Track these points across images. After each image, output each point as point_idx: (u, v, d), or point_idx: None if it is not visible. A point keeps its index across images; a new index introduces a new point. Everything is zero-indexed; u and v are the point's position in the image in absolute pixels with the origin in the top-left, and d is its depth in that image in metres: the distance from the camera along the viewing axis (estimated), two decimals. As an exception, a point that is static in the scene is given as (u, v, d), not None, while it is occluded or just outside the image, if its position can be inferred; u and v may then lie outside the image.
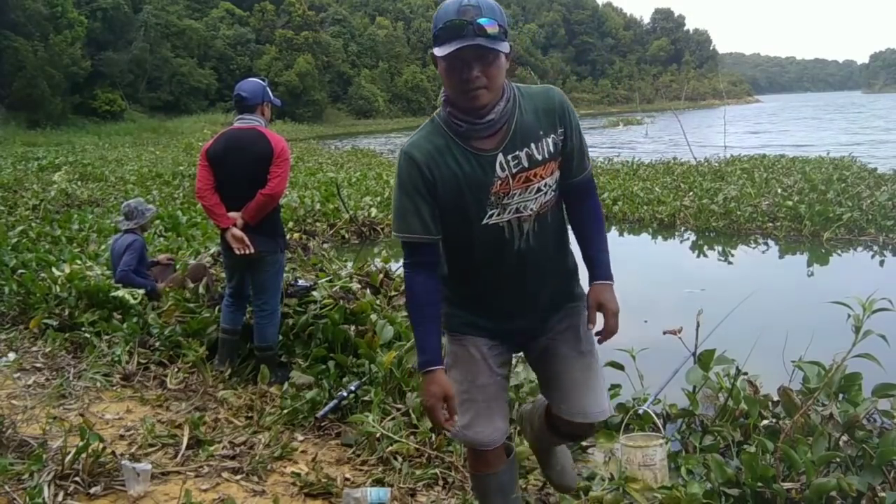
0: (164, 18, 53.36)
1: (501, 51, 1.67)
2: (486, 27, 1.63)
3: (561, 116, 1.84)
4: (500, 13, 1.69)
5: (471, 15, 1.64)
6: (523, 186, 1.81)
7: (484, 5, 1.66)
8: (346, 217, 9.65)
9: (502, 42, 1.68)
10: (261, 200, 3.84)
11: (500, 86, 1.74)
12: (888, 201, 9.35)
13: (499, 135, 1.79)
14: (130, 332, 4.39)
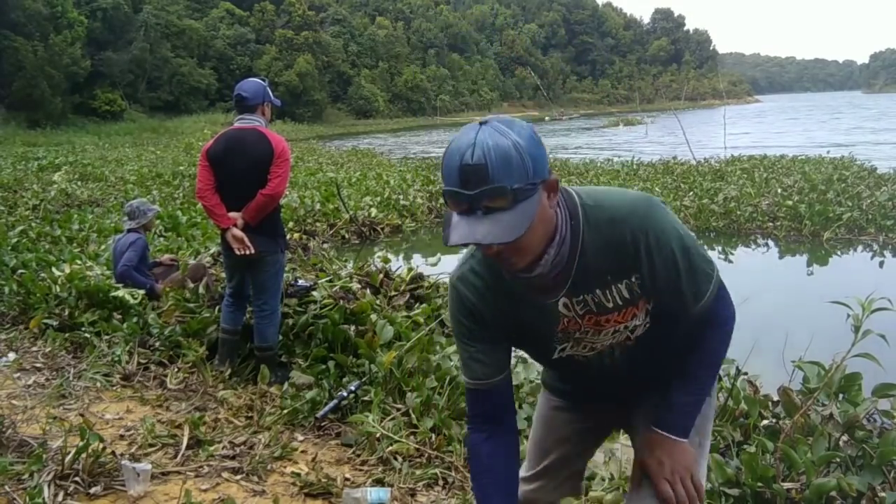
0: (164, 18, 53.36)
1: (505, 240, 1.25)
2: (495, 201, 1.23)
3: (635, 258, 1.39)
4: (518, 162, 1.23)
5: (474, 183, 1.22)
6: (595, 328, 1.51)
7: (494, 160, 1.22)
8: (346, 217, 9.65)
9: (526, 202, 1.25)
10: (261, 201, 3.84)
11: (536, 247, 1.34)
12: (888, 201, 9.36)
13: (556, 283, 1.44)
14: (130, 332, 4.39)
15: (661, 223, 1.39)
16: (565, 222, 1.38)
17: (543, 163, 1.27)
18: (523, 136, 1.25)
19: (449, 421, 3.13)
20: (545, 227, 1.33)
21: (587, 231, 1.39)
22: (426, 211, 10.98)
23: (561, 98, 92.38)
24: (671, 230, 1.40)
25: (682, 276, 1.42)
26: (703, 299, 1.46)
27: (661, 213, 1.40)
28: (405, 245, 9.40)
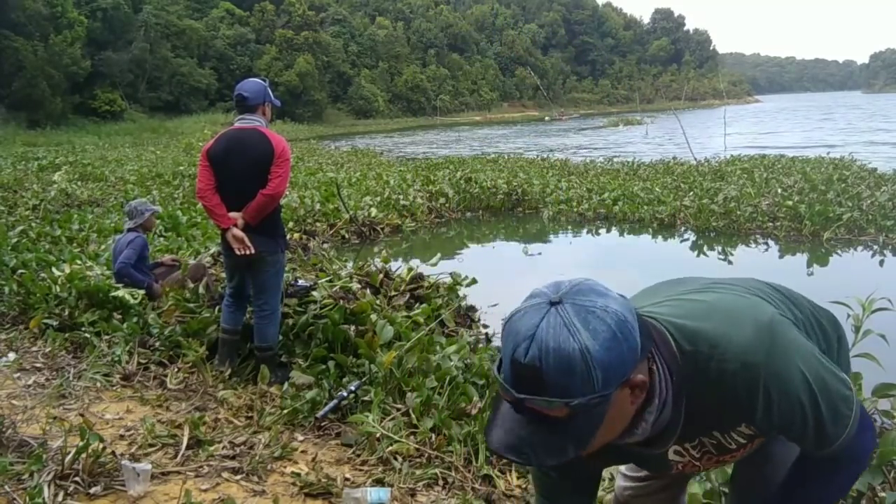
0: (164, 18, 53.38)
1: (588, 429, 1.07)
2: (547, 412, 1.04)
3: (751, 409, 1.18)
4: (584, 374, 1.02)
5: (525, 387, 1.03)
6: (717, 464, 1.40)
7: (551, 367, 1.01)
8: (346, 217, 9.65)
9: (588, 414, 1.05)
10: (261, 201, 3.85)
11: (612, 437, 1.16)
12: (888, 201, 9.36)
13: (661, 437, 1.26)
14: (130, 332, 4.39)
15: (786, 371, 1.15)
16: (665, 381, 1.17)
17: (623, 367, 1.05)
18: (600, 336, 1.02)
19: (449, 421, 3.13)
20: (622, 422, 1.14)
21: (691, 385, 1.18)
22: (426, 211, 10.98)
23: (561, 98, 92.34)
24: (797, 377, 1.16)
25: (810, 425, 1.20)
26: (838, 441, 1.24)
27: (784, 356, 1.16)
28: (405, 245, 9.40)
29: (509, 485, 2.81)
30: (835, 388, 1.21)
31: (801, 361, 1.17)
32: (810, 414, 1.18)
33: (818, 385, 1.18)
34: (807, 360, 1.18)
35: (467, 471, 2.85)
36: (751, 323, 1.17)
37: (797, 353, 1.18)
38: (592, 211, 10.60)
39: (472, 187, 12.03)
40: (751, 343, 1.14)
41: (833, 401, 1.20)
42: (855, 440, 1.25)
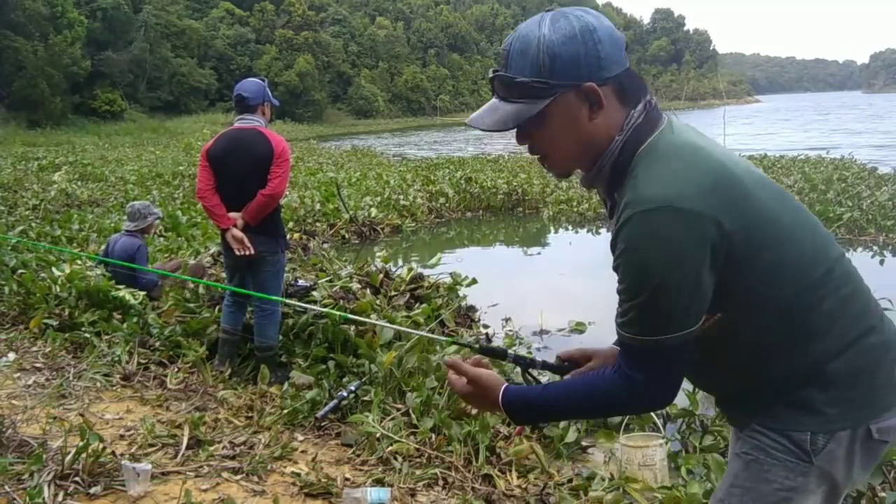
0: (164, 18, 53.37)
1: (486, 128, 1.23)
2: (505, 90, 1.22)
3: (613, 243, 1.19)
4: (534, 56, 1.17)
5: (498, 65, 1.24)
6: None
7: (515, 49, 1.20)
8: (346, 217, 9.65)
9: (531, 100, 1.19)
10: (261, 201, 3.85)
11: (568, 153, 1.25)
12: (888, 201, 9.36)
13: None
14: (130, 332, 4.39)
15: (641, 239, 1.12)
16: (611, 154, 1.22)
17: (575, 67, 1.15)
18: (560, 31, 1.16)
19: (449, 421, 3.13)
20: (574, 138, 1.21)
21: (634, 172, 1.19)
22: (426, 211, 10.98)
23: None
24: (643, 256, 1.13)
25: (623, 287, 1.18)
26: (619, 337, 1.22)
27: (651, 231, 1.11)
28: (405, 245, 9.40)
29: (509, 485, 2.81)
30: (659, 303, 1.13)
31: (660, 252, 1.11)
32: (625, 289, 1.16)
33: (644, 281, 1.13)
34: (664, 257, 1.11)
35: (467, 471, 2.85)
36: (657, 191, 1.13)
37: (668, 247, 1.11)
38: (593, 211, 10.60)
39: (472, 187, 12.03)
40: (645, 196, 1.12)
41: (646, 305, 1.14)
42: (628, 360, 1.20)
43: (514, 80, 1.19)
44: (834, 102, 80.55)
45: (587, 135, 1.21)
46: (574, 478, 2.88)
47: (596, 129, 1.21)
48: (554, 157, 1.26)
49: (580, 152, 1.24)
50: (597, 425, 3.45)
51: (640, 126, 1.21)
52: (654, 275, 1.11)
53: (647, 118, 1.22)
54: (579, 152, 1.24)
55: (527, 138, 1.25)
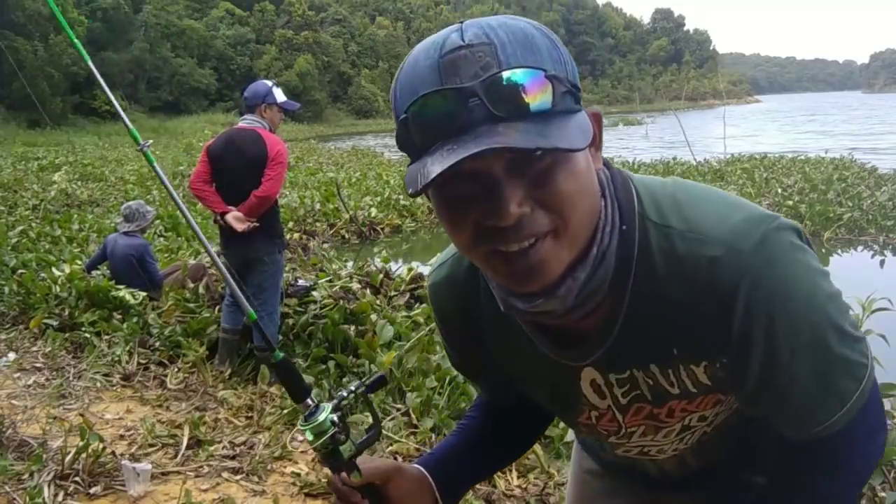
0: (164, 18, 53.40)
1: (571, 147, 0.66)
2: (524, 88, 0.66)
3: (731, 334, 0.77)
4: (549, 46, 0.71)
5: (474, 69, 0.67)
6: (647, 425, 0.93)
7: (504, 37, 0.68)
8: (346, 217, 9.65)
9: (569, 116, 0.69)
10: (253, 202, 3.89)
11: (585, 216, 0.73)
12: (888, 201, 9.36)
13: (585, 332, 0.85)
14: (130, 332, 4.39)
15: (796, 280, 0.75)
16: (611, 225, 0.78)
17: (575, 73, 0.74)
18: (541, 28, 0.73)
19: (449, 421, 3.13)
20: (592, 200, 0.74)
21: (649, 260, 0.78)
22: (426, 211, 10.98)
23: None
24: (812, 298, 0.76)
25: (810, 383, 0.78)
26: (824, 423, 0.81)
27: (795, 259, 0.76)
28: (405, 245, 9.40)
29: (509, 485, 2.81)
30: (851, 334, 0.79)
31: (816, 276, 0.78)
32: (816, 367, 0.77)
33: (837, 319, 0.78)
34: (822, 278, 0.78)
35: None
36: (746, 213, 0.77)
37: (812, 262, 0.78)
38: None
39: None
40: (741, 229, 0.75)
41: (847, 351, 0.78)
42: (856, 435, 0.83)
43: (545, 74, 0.67)
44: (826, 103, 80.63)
45: (596, 201, 0.76)
46: (574, 478, 2.88)
47: (598, 196, 0.77)
48: (571, 220, 0.71)
49: (590, 220, 0.75)
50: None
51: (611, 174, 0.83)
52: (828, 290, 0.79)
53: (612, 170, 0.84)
54: (589, 220, 0.75)
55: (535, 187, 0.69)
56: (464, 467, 1.07)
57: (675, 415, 0.89)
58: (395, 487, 0.98)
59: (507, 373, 0.99)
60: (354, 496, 0.95)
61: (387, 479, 0.97)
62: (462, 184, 0.69)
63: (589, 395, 0.91)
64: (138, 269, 5.10)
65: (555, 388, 0.94)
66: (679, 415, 0.89)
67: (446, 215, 0.74)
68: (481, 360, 1.00)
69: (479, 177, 0.68)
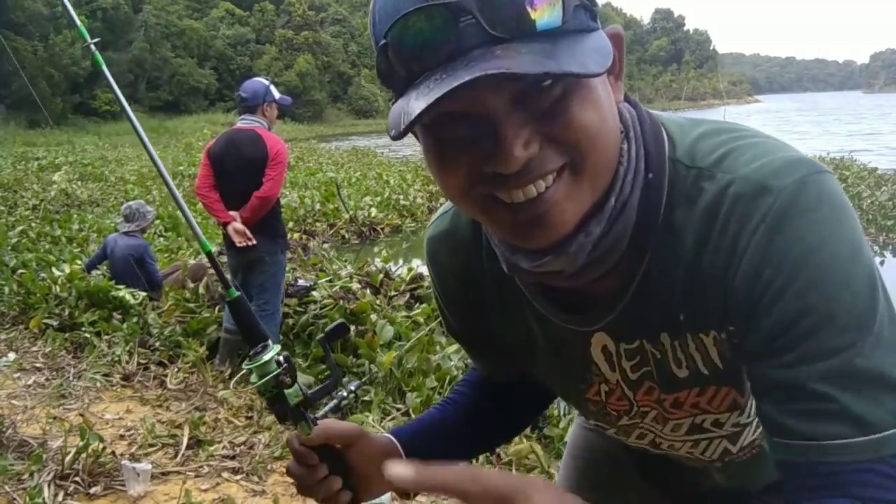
0: (164, 18, 53.39)
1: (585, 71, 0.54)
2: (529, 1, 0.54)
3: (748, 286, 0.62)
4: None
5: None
6: (662, 411, 0.81)
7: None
8: (346, 217, 9.65)
9: (583, 36, 0.58)
10: (255, 203, 3.89)
11: (608, 153, 0.63)
12: (888, 201, 9.37)
13: (597, 293, 0.74)
14: (130, 332, 4.39)
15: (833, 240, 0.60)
16: (633, 172, 0.67)
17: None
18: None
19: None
20: (612, 138, 0.63)
21: (674, 211, 0.67)
22: (426, 211, 10.98)
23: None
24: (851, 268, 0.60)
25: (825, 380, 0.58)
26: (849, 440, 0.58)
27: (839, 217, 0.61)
28: (405, 245, 9.40)
29: (509, 485, 2.81)
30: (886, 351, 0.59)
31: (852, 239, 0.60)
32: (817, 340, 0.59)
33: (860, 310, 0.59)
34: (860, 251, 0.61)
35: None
36: (791, 154, 0.64)
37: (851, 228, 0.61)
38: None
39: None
40: (778, 167, 0.62)
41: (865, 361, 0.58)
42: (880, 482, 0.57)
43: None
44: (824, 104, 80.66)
45: (617, 140, 0.65)
46: (574, 478, 2.88)
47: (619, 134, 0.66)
48: (590, 155, 0.60)
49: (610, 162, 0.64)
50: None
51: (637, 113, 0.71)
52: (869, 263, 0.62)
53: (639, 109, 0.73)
54: (609, 161, 0.64)
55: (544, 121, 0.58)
56: (442, 444, 0.97)
57: (684, 408, 0.78)
58: (357, 453, 0.88)
59: (510, 342, 0.88)
60: (311, 458, 0.85)
61: (348, 443, 0.87)
62: (456, 125, 0.59)
63: (600, 364, 0.80)
64: (138, 270, 5.10)
65: (563, 359, 0.83)
66: (689, 409, 0.78)
67: (435, 158, 0.62)
68: (482, 327, 0.90)
69: (477, 115, 0.57)
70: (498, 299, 0.84)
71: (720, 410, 0.77)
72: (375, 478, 0.88)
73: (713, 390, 0.75)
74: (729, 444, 0.82)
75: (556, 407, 3.58)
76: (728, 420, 0.78)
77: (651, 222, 0.68)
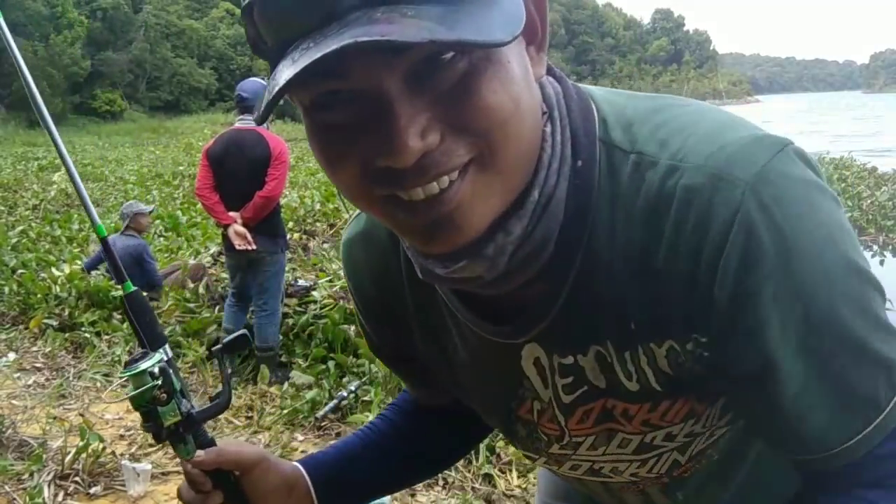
0: (164, 18, 53.42)
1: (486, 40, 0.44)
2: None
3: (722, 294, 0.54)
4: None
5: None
6: (598, 433, 0.70)
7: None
8: (346, 217, 9.65)
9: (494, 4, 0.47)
10: (258, 203, 3.88)
11: (525, 143, 0.53)
12: (888, 201, 9.37)
13: (525, 299, 0.63)
14: (130, 332, 4.38)
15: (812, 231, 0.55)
16: (559, 160, 0.58)
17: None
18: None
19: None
20: (531, 122, 0.53)
21: (610, 203, 0.58)
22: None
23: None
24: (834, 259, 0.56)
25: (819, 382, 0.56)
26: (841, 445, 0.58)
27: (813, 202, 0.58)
28: (405, 245, 9.40)
29: (509, 485, 2.81)
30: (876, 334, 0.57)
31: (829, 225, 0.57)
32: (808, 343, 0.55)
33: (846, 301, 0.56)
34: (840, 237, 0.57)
35: (467, 470, 2.85)
36: (746, 133, 0.56)
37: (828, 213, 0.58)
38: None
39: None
40: (736, 151, 0.54)
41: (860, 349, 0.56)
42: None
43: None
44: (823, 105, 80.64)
45: (537, 125, 0.56)
46: (574, 478, 2.88)
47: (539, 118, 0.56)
48: (501, 145, 0.51)
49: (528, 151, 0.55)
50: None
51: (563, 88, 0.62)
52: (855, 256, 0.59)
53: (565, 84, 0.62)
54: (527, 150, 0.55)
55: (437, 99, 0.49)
56: (356, 475, 0.87)
57: (633, 423, 0.67)
58: (255, 480, 0.79)
59: (432, 357, 0.77)
60: (204, 482, 0.77)
61: (246, 469, 0.78)
62: (342, 108, 0.49)
63: (532, 379, 0.69)
64: (136, 270, 5.10)
65: (493, 374, 0.72)
66: (638, 426, 0.67)
67: (320, 149, 0.52)
68: (402, 342, 0.79)
69: (367, 95, 0.48)
70: (418, 308, 0.74)
71: (674, 423, 0.67)
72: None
73: (667, 405, 0.65)
74: (678, 454, 0.71)
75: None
76: (681, 431, 0.68)
77: (582, 217, 0.58)
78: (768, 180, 0.53)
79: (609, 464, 0.73)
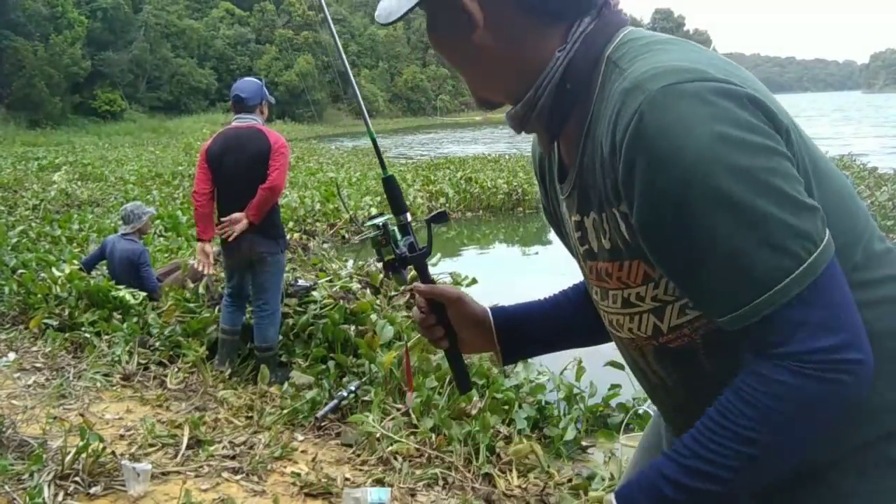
0: (164, 18, 53.38)
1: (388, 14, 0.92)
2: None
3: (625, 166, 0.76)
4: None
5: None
6: (600, 286, 0.93)
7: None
8: (346, 217, 9.65)
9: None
10: (262, 195, 3.87)
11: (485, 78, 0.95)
12: (888, 201, 9.36)
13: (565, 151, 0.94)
14: (130, 332, 4.39)
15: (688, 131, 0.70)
16: (549, 80, 0.86)
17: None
18: None
19: (449, 421, 3.13)
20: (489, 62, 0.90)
21: (603, 97, 0.82)
22: (426, 211, 10.98)
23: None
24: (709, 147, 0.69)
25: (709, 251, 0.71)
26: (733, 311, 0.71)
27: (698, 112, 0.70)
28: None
29: (509, 485, 2.81)
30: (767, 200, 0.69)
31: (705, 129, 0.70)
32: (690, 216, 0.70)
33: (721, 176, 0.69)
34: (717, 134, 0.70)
35: (467, 471, 2.85)
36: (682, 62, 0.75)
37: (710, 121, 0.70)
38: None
39: (473, 187, 12.05)
40: (660, 71, 0.74)
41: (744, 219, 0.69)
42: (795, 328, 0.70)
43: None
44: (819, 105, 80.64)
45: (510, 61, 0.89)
46: (574, 478, 2.88)
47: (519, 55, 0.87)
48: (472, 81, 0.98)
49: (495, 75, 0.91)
50: (596, 425, 3.45)
51: (593, 33, 0.85)
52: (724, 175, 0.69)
53: (604, 22, 0.86)
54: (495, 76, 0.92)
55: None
56: (534, 326, 1.14)
57: (613, 280, 0.89)
58: (454, 312, 1.11)
59: (554, 214, 1.07)
60: (424, 307, 1.10)
61: (449, 301, 1.10)
62: None
63: (571, 230, 0.98)
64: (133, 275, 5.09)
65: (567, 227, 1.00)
66: (617, 283, 0.88)
67: None
68: (549, 207, 1.08)
69: None
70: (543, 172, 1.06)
71: (637, 283, 0.85)
72: (465, 337, 1.12)
73: (628, 264, 0.85)
74: (656, 319, 0.86)
75: (555, 407, 3.58)
76: (647, 294, 0.85)
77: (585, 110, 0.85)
78: (665, 92, 0.72)
79: (613, 316, 0.93)
